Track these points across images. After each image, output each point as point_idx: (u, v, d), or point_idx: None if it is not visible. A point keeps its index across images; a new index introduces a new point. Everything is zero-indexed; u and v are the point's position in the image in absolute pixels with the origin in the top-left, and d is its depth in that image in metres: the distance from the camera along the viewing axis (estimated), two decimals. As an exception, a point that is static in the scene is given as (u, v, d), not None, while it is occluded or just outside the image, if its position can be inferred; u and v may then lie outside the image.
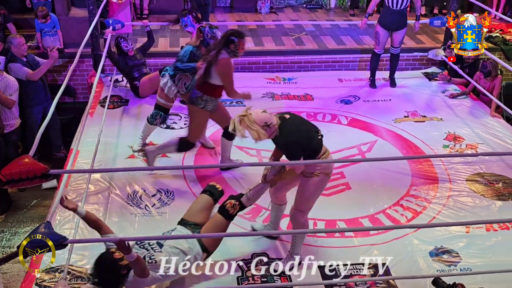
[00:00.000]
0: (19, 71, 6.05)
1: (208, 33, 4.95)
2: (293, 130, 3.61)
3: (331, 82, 7.23)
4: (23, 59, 6.13)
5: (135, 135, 5.67)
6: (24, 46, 6.12)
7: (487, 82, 6.40)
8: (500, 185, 4.95)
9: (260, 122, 3.50)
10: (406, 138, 5.75)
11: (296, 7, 9.79)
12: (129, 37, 7.87)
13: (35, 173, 2.83)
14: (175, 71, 5.05)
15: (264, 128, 3.52)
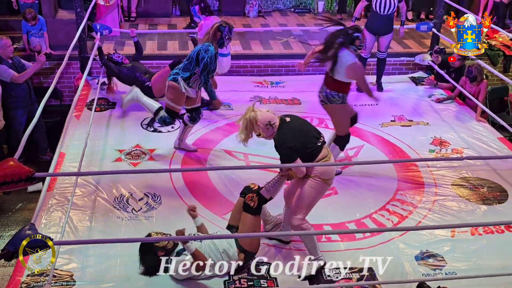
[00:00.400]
0: (3, 72, 5.99)
1: (226, 35, 4.84)
2: (286, 134, 3.67)
3: (318, 86, 7.23)
4: (8, 61, 6.08)
5: (121, 138, 5.66)
6: (10, 48, 6.07)
7: (472, 87, 6.47)
8: (485, 190, 5.00)
9: (264, 120, 3.61)
10: (392, 143, 5.79)
11: (284, 11, 9.82)
12: (117, 39, 7.86)
13: (20, 176, 2.80)
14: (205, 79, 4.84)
15: (267, 127, 3.63)
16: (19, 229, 2.93)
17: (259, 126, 3.62)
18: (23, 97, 6.20)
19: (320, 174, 3.72)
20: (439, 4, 7.52)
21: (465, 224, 4.42)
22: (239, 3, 9.35)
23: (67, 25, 7.24)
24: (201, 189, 4.85)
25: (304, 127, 3.82)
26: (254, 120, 3.61)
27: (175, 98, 4.97)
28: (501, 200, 4.86)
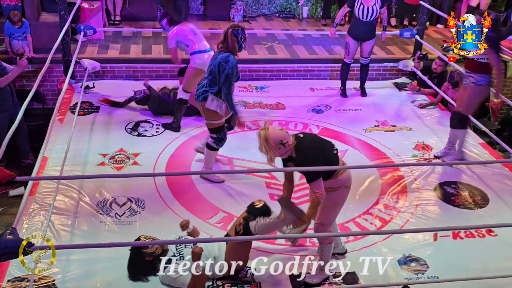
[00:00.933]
0: None
1: (242, 37, 4.73)
2: (310, 150, 3.60)
3: (303, 91, 7.29)
4: None
5: (105, 142, 5.62)
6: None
7: (455, 92, 6.55)
8: (467, 194, 5.06)
9: (275, 139, 3.50)
10: (376, 147, 5.83)
11: (269, 16, 9.85)
12: (101, 42, 7.82)
13: (0, 180, 2.77)
14: (227, 90, 4.75)
15: (279, 147, 3.52)
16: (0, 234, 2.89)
17: (270, 144, 3.51)
18: (5, 101, 6.13)
19: (343, 183, 3.71)
20: (422, 11, 7.61)
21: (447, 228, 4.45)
22: (224, 8, 9.36)
23: (51, 28, 7.17)
24: (185, 194, 4.84)
25: (319, 139, 3.80)
26: (265, 138, 3.51)
27: (214, 114, 4.82)
28: (482, 205, 4.91)
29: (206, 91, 4.74)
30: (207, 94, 4.73)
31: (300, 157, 3.57)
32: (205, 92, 4.74)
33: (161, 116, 6.19)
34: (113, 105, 6.40)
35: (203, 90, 4.76)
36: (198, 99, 4.79)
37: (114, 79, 7.30)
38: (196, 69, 5.71)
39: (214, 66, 4.69)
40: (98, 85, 7.03)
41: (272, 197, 4.85)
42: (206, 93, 4.73)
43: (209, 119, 4.84)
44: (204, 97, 4.74)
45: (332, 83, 7.52)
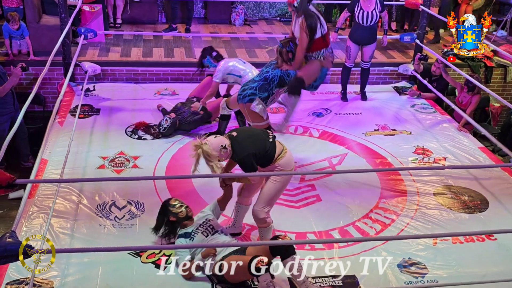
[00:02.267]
0: None
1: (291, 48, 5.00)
2: (243, 146, 3.77)
3: (303, 94, 7.26)
4: None
5: (105, 145, 5.62)
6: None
7: (467, 96, 6.55)
8: (467, 198, 5.06)
9: (216, 146, 3.70)
10: (376, 151, 5.83)
11: (270, 20, 9.87)
12: (102, 45, 7.83)
13: (0, 183, 2.78)
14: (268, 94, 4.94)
15: (222, 151, 3.73)
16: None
17: (214, 155, 3.69)
18: (6, 104, 6.13)
19: (283, 167, 3.88)
20: (422, 16, 7.62)
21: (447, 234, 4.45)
22: (226, 12, 9.38)
23: (51, 30, 7.18)
24: (185, 197, 4.82)
25: (252, 130, 3.98)
26: (207, 153, 3.69)
27: (258, 117, 4.96)
28: (482, 209, 4.91)
29: (254, 94, 4.87)
30: (254, 97, 4.87)
31: (238, 151, 3.76)
32: (252, 95, 4.87)
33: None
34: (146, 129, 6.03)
35: (251, 92, 4.88)
36: (243, 99, 4.91)
37: (114, 82, 7.31)
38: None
39: (272, 75, 4.90)
40: (98, 88, 7.04)
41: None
42: (254, 96, 4.87)
43: (254, 121, 4.99)
44: (250, 99, 4.87)
45: (333, 87, 7.53)
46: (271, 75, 4.90)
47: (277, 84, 4.92)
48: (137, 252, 4.07)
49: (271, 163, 3.87)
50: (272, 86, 4.91)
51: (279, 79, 4.90)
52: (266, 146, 3.83)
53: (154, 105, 6.58)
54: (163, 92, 7.06)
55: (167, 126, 5.78)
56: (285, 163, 3.89)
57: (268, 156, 3.84)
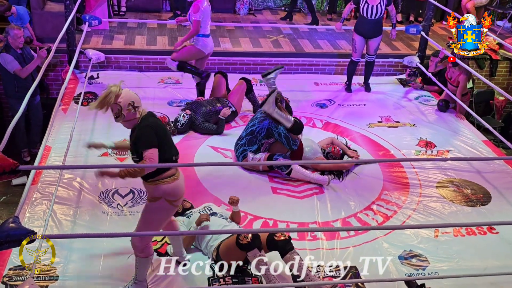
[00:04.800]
0: (8, 63, 6.06)
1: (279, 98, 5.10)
2: (149, 119, 3.39)
3: (307, 85, 7.28)
4: (17, 51, 6.12)
5: (108, 132, 5.62)
6: (20, 39, 6.11)
7: (455, 72, 6.49)
8: (469, 191, 5.05)
9: (127, 98, 3.30)
10: (379, 143, 5.82)
11: (274, 10, 9.82)
12: (106, 33, 7.81)
13: (4, 169, 2.79)
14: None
15: (129, 108, 3.33)
16: (2, 222, 2.90)
17: (121, 102, 3.29)
18: (25, 89, 6.15)
19: (166, 195, 3.40)
20: (428, 7, 7.57)
21: (449, 224, 4.46)
22: (230, 1, 9.33)
23: (56, 17, 7.16)
24: (187, 185, 4.82)
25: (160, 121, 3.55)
26: (116, 94, 3.28)
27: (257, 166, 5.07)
28: (484, 202, 4.91)
29: (245, 150, 5.07)
30: (246, 153, 5.05)
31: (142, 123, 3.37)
32: (244, 151, 5.07)
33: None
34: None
35: (242, 149, 5.07)
36: (238, 159, 5.12)
37: (118, 70, 7.30)
38: (198, 50, 5.99)
39: (259, 128, 5.01)
40: (102, 75, 7.03)
41: (275, 191, 4.87)
42: (245, 152, 5.05)
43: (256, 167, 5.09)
44: (244, 155, 5.06)
45: (337, 77, 7.51)
46: (258, 128, 5.04)
47: (265, 136, 5.03)
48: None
49: (154, 179, 3.38)
50: (260, 138, 5.03)
51: (266, 131, 5.01)
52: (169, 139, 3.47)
53: (158, 94, 6.57)
54: (166, 81, 7.04)
55: (184, 122, 5.67)
56: (170, 191, 3.41)
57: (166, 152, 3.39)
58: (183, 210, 4.22)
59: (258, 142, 5.05)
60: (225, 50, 7.60)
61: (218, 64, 7.40)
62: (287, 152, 5.10)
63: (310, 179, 4.98)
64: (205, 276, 3.80)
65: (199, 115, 5.76)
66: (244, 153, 5.06)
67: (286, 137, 4.97)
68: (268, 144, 5.11)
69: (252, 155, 5.02)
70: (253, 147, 5.05)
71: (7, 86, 6.29)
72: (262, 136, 5.02)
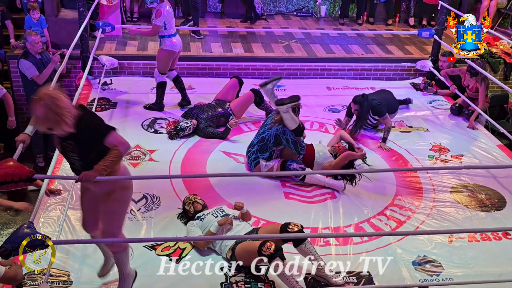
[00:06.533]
0: (27, 69, 6.16)
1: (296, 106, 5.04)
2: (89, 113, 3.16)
3: (319, 90, 7.27)
4: (36, 56, 6.21)
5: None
6: (38, 44, 6.21)
7: (472, 80, 6.43)
8: (483, 196, 5.00)
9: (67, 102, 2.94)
10: (392, 148, 5.79)
11: (286, 15, 9.84)
12: (119, 39, 7.87)
13: (20, 176, 2.83)
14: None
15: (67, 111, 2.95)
16: (17, 227, 2.94)
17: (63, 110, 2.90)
18: None
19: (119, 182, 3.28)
20: (441, 11, 7.53)
21: (463, 230, 4.42)
22: (242, 6, 9.36)
23: (70, 24, 7.25)
24: (200, 191, 4.85)
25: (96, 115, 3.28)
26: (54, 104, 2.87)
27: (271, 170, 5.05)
28: (499, 207, 4.86)
29: (257, 157, 5.09)
30: (258, 160, 5.07)
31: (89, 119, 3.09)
32: (256, 159, 5.09)
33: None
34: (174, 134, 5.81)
35: (254, 157, 5.10)
36: (251, 166, 5.13)
37: (131, 75, 7.36)
38: (168, 51, 6.07)
39: (268, 136, 5.01)
40: (115, 81, 7.09)
41: (288, 196, 4.87)
42: (258, 159, 5.07)
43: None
44: (256, 163, 5.08)
45: (349, 82, 7.49)
46: (267, 135, 5.04)
47: (274, 143, 5.02)
48: (152, 245, 4.11)
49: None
50: (270, 145, 5.04)
51: (274, 138, 5.00)
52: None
53: (170, 99, 6.61)
54: (179, 86, 7.08)
55: (187, 133, 5.73)
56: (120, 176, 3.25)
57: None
58: (194, 213, 4.25)
59: (269, 150, 5.06)
60: (238, 55, 7.62)
61: (231, 70, 7.42)
62: (299, 157, 5.10)
63: (325, 183, 4.97)
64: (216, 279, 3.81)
65: (202, 120, 5.83)
66: (257, 160, 5.08)
67: (294, 142, 4.97)
68: (279, 151, 5.12)
69: (265, 162, 5.05)
70: (265, 154, 5.07)
71: (28, 91, 6.38)
72: (271, 144, 5.03)
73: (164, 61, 6.15)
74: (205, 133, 5.76)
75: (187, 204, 4.33)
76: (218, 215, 4.15)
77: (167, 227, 4.33)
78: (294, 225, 3.81)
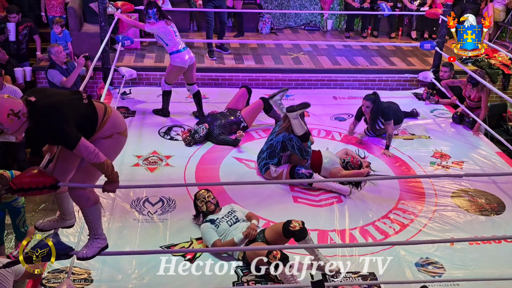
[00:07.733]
0: (54, 77, 6.20)
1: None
2: (48, 112, 2.67)
3: (326, 99, 7.25)
4: (62, 66, 6.27)
5: (140, 144, 5.69)
6: (62, 54, 6.27)
7: (473, 91, 6.38)
8: (483, 201, 4.96)
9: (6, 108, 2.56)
10: (395, 155, 5.76)
11: (295, 29, 9.85)
12: (138, 52, 7.92)
13: (44, 184, 2.85)
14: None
15: (11, 119, 2.57)
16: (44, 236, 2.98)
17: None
18: None
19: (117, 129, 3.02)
20: (442, 25, 7.50)
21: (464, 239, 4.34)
22: (253, 20, 9.39)
23: (92, 37, 7.33)
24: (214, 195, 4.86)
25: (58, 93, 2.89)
26: None
27: (280, 175, 5.04)
28: (499, 211, 4.81)
29: (267, 163, 5.08)
30: (268, 166, 5.05)
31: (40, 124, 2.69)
32: (266, 164, 5.08)
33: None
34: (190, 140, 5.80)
35: (264, 162, 5.10)
36: (261, 171, 5.12)
37: (149, 86, 7.40)
38: (177, 67, 6.07)
39: (276, 142, 5.01)
40: (134, 91, 7.14)
41: (296, 200, 4.86)
42: (267, 165, 5.06)
43: (280, 178, 5.04)
44: (266, 168, 5.06)
45: (354, 92, 7.47)
46: (275, 142, 5.04)
47: (281, 149, 5.01)
48: (168, 246, 4.11)
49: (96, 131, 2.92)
50: (277, 151, 5.03)
51: (281, 144, 5.00)
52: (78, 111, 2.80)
53: (185, 108, 6.63)
54: (194, 96, 7.10)
55: (203, 135, 5.73)
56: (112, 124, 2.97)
57: (88, 122, 2.86)
58: (206, 211, 4.24)
59: (277, 155, 5.06)
60: (249, 67, 7.64)
61: (242, 80, 7.44)
62: (307, 163, 5.09)
63: (332, 188, 4.96)
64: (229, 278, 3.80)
65: (215, 127, 5.82)
66: (266, 165, 5.08)
67: (299, 148, 4.96)
68: (287, 157, 5.11)
69: (274, 168, 5.04)
70: (274, 160, 5.06)
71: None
72: (279, 150, 5.02)
73: (172, 74, 6.19)
74: (218, 140, 5.78)
75: (199, 201, 4.29)
76: (232, 223, 4.12)
77: (182, 229, 4.34)
78: (295, 222, 3.85)
